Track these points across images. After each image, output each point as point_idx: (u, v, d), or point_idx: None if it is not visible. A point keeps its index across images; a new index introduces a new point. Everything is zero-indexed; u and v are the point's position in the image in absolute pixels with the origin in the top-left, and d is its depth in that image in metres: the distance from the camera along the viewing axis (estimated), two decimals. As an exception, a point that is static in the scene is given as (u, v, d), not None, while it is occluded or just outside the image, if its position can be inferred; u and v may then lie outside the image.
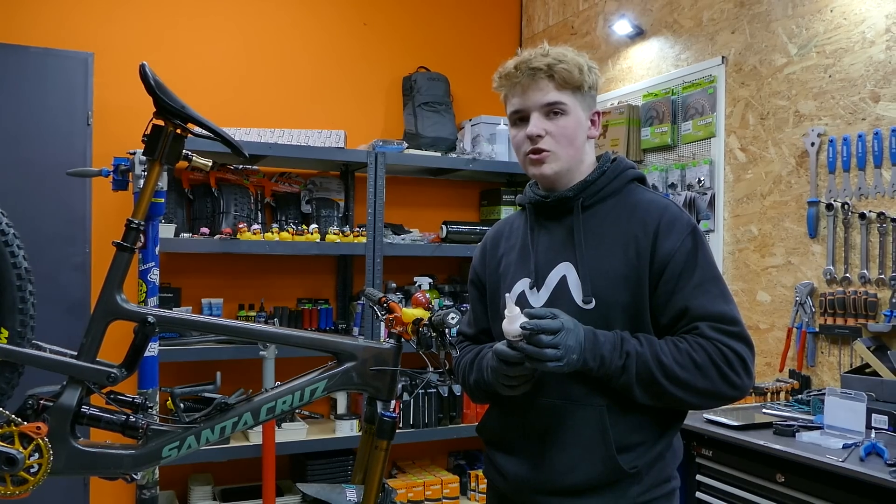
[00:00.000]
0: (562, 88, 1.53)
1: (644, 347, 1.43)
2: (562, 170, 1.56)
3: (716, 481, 2.46)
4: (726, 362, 1.41)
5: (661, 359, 1.41)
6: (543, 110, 1.53)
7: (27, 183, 3.36)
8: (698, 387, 1.42)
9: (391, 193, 3.85)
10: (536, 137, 1.53)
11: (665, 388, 1.42)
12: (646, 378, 1.42)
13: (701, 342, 1.42)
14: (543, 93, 1.53)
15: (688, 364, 1.41)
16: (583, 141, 1.58)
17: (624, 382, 1.44)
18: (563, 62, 1.52)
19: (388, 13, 4.34)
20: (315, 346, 1.69)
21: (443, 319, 1.60)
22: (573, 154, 1.56)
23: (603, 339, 1.43)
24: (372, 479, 1.68)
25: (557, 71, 1.51)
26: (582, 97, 1.56)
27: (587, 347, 1.40)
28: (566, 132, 1.54)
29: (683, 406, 1.51)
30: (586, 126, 1.58)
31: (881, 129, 2.64)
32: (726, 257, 3.27)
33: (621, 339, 1.44)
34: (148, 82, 1.50)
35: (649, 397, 1.45)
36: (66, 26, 3.58)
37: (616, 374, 1.43)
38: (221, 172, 3.75)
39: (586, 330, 1.42)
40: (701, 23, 3.44)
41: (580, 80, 1.53)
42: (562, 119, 1.53)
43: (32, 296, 1.56)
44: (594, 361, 1.41)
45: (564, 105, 1.53)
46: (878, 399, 2.37)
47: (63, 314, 3.35)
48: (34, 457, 1.45)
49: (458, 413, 3.87)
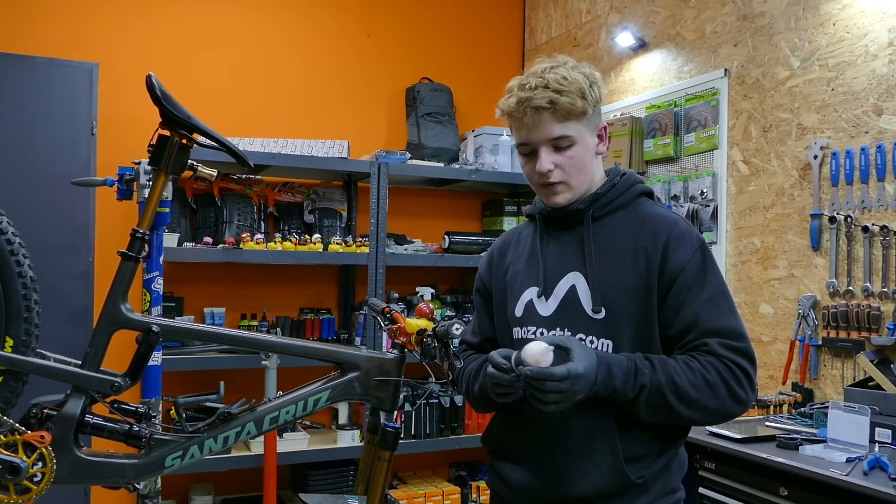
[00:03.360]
0: (566, 120, 1.51)
1: (658, 373, 1.42)
2: (575, 196, 1.57)
3: (719, 494, 2.45)
4: (735, 379, 1.43)
5: (676, 381, 1.41)
6: (551, 144, 1.52)
7: (32, 192, 3.37)
8: (709, 406, 1.43)
9: (394, 204, 3.86)
10: (548, 172, 1.53)
11: (676, 409, 1.42)
12: (657, 403, 1.42)
13: (712, 361, 1.43)
14: (549, 128, 1.51)
15: (701, 384, 1.42)
16: (591, 160, 1.58)
17: (633, 409, 1.44)
18: (565, 93, 1.48)
19: (392, 24, 4.36)
20: (318, 356, 1.69)
21: (447, 330, 1.60)
22: (584, 179, 1.56)
23: (616, 371, 1.41)
24: (375, 489, 1.67)
25: (560, 105, 1.48)
26: (588, 121, 1.54)
27: (599, 381, 1.39)
28: (576, 161, 1.54)
29: (689, 423, 1.52)
30: (594, 145, 1.58)
31: (884, 142, 2.65)
32: (729, 269, 3.27)
33: (635, 371, 1.42)
34: (154, 93, 1.50)
35: (656, 417, 1.45)
36: (71, 36, 3.60)
37: (625, 402, 1.44)
38: (225, 182, 3.76)
39: (600, 363, 1.40)
40: (704, 35, 3.45)
41: (583, 107, 1.50)
42: (570, 150, 1.53)
43: (38, 305, 1.56)
44: (604, 392, 1.41)
45: (571, 136, 1.52)
46: (882, 413, 2.37)
47: (66, 323, 3.35)
48: (38, 466, 1.45)
49: (459, 424, 3.86)
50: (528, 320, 1.58)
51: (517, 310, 1.62)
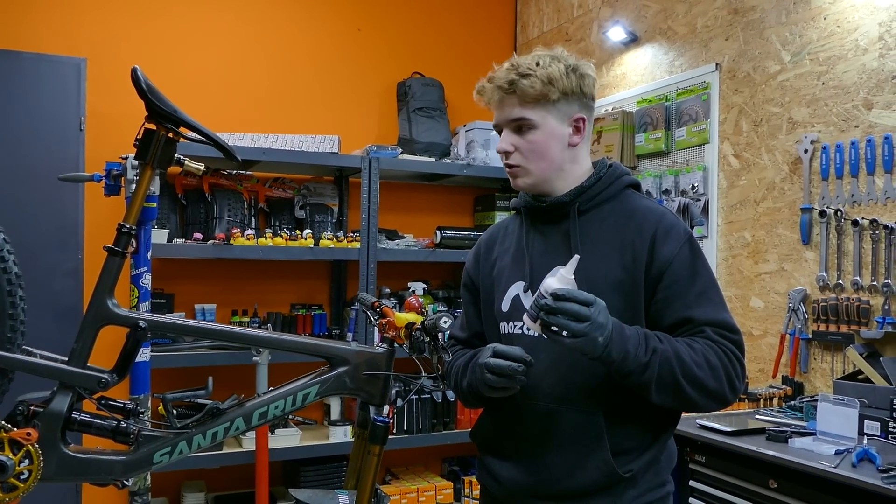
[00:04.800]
0: (525, 104, 1.51)
1: (666, 345, 1.41)
2: (535, 182, 1.56)
3: (709, 487, 2.46)
4: (731, 365, 1.44)
5: (682, 356, 1.40)
6: (512, 126, 1.54)
7: (19, 188, 3.35)
8: (709, 386, 1.42)
9: (385, 199, 3.85)
10: (506, 153, 1.56)
11: (682, 386, 1.39)
12: (667, 376, 1.39)
13: (711, 345, 1.44)
14: (510, 108, 1.53)
15: (703, 363, 1.41)
16: (559, 151, 1.55)
17: (645, 380, 1.39)
18: (529, 76, 1.49)
19: (383, 19, 4.34)
20: (307, 350, 1.69)
21: (435, 323, 1.60)
22: (546, 167, 1.55)
23: (629, 333, 1.39)
24: (364, 484, 1.67)
25: (520, 87, 1.49)
26: (554, 107, 1.52)
27: (614, 338, 1.35)
28: (535, 146, 1.53)
29: (688, 407, 1.47)
30: (565, 135, 1.55)
31: (874, 136, 2.65)
32: (720, 263, 3.28)
33: (646, 336, 1.41)
34: (139, 86, 1.49)
35: (663, 396, 1.41)
36: (58, 32, 3.58)
37: (638, 370, 1.38)
38: (215, 178, 3.74)
39: (614, 321, 1.38)
40: (695, 30, 3.45)
41: (545, 91, 1.49)
42: (531, 134, 1.53)
43: (23, 301, 1.55)
44: (618, 354, 1.36)
45: (530, 120, 1.52)
46: (871, 405, 2.37)
47: (55, 320, 3.33)
48: (24, 463, 1.44)
49: (451, 419, 3.86)
50: (515, 315, 1.57)
51: (504, 304, 1.61)
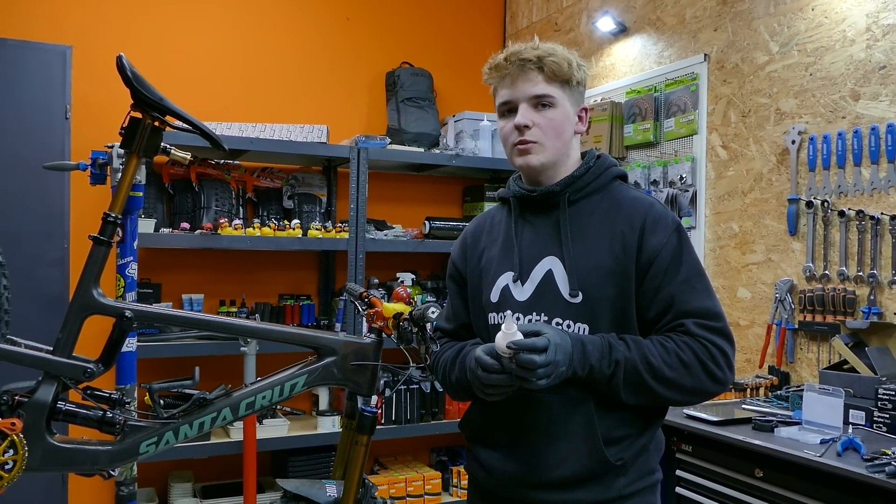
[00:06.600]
0: (551, 81, 1.54)
1: (633, 352, 1.44)
2: (548, 161, 1.56)
3: (696, 476, 2.48)
4: (711, 359, 1.44)
5: (651, 360, 1.43)
6: (532, 102, 1.54)
7: (4, 177, 3.31)
8: (685, 385, 1.44)
9: (374, 189, 3.84)
10: (524, 128, 1.54)
11: (653, 388, 1.44)
12: (634, 382, 1.44)
13: (687, 341, 1.45)
14: (532, 84, 1.53)
15: (675, 363, 1.43)
16: (570, 135, 1.59)
17: (612, 388, 1.45)
18: (553, 55, 1.53)
19: (372, 8, 4.32)
20: (295, 340, 1.68)
21: (423, 314, 1.59)
22: (560, 147, 1.57)
23: (591, 349, 1.43)
24: (352, 474, 1.67)
25: (547, 63, 1.52)
26: (570, 91, 1.57)
27: (575, 359, 1.40)
28: (554, 124, 1.55)
29: (668, 403, 1.53)
30: (574, 121, 1.59)
31: (861, 127, 2.66)
32: (707, 254, 3.29)
33: (609, 347, 1.44)
34: (125, 74, 1.47)
35: (636, 398, 1.46)
36: (43, 18, 3.53)
37: (604, 381, 1.44)
38: (202, 167, 3.72)
39: (574, 340, 1.42)
40: (684, 20, 3.45)
41: (569, 73, 1.54)
42: (550, 111, 1.54)
43: (7, 290, 1.53)
44: (582, 371, 1.42)
45: (553, 98, 1.54)
46: (856, 395, 2.39)
47: (41, 310, 3.30)
48: (9, 453, 1.43)
49: (440, 409, 3.87)
50: (504, 305, 1.57)
51: (493, 295, 1.61)
